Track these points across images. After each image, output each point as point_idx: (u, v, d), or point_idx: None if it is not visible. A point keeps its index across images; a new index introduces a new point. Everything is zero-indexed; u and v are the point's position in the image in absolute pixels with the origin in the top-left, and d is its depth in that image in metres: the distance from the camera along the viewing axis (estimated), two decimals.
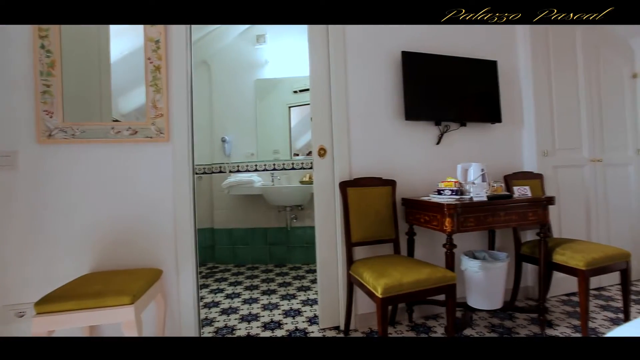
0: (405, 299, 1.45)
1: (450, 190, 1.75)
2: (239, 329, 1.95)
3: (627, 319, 1.82)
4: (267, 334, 1.87)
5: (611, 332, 0.73)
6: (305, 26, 2.02)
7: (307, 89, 2.15)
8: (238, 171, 3.38)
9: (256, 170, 3.39)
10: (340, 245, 1.88)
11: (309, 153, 3.24)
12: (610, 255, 1.75)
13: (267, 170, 3.37)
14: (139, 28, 1.71)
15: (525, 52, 2.31)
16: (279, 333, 1.87)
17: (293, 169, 3.36)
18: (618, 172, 2.55)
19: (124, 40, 1.75)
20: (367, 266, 1.60)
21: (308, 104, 2.26)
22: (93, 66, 1.76)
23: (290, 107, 3.48)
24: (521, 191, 1.84)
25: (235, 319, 2.08)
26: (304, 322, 2.00)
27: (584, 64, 2.46)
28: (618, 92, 2.60)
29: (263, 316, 2.10)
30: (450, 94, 2.11)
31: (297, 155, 3.42)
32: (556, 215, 2.25)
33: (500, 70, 2.22)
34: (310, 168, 3.13)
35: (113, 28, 1.73)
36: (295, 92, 3.43)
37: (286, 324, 1.98)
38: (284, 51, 3.37)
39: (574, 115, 2.42)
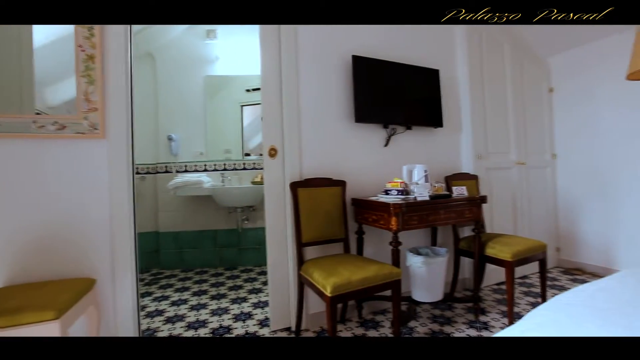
0: (354, 296, 1.49)
1: (396, 190, 1.84)
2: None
3: (544, 302, 2.07)
4: None
5: (501, 332, 0.82)
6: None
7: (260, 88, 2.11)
8: (186, 171, 3.21)
9: (205, 170, 3.25)
10: (291, 246, 1.88)
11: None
12: (531, 247, 1.98)
13: (218, 170, 3.25)
14: None
15: (462, 63, 2.52)
16: None
17: (245, 169, 3.29)
18: (538, 173, 2.90)
19: None
20: (317, 266, 1.61)
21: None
22: (11, 51, 1.55)
23: (242, 105, 3.40)
24: (459, 191, 2.00)
25: (181, 327, 1.97)
26: (254, 325, 1.96)
27: (511, 77, 2.76)
28: (538, 104, 2.96)
29: (211, 322, 2.02)
30: (397, 99, 2.22)
31: (250, 155, 3.35)
32: (489, 212, 2.49)
33: (442, 79, 2.39)
34: (263, 168, 3.08)
35: None
36: (248, 90, 3.36)
37: (236, 328, 1.93)
38: (236, 48, 3.27)
39: (503, 123, 2.70)
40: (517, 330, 0.83)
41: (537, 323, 0.82)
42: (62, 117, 1.53)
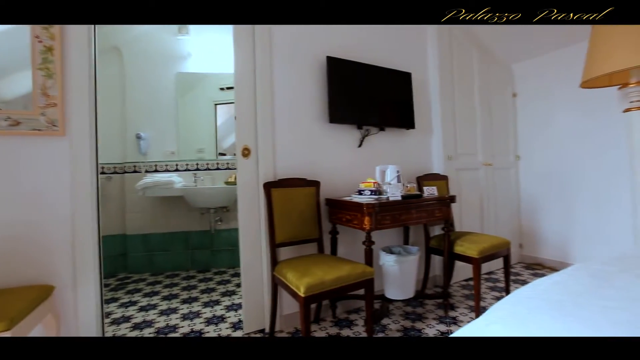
0: (327, 296, 1.50)
1: (369, 190, 1.87)
2: None
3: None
4: None
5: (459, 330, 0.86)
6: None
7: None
8: (156, 171, 3.09)
9: (177, 170, 3.14)
10: (265, 247, 1.86)
11: None
12: (496, 244, 2.08)
13: (190, 170, 3.16)
14: None
15: (433, 67, 2.60)
16: None
17: (218, 169, 3.21)
18: (503, 174, 3.05)
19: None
20: (290, 266, 1.61)
21: None
22: None
23: (216, 104, 3.32)
24: (430, 191, 2.06)
25: (150, 333, 1.90)
26: (227, 328, 1.92)
27: (478, 82, 2.88)
28: (503, 108, 3.11)
29: (182, 327, 1.96)
30: (371, 100, 2.26)
31: (224, 154, 3.28)
32: (458, 211, 2.59)
33: (414, 82, 2.46)
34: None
35: None
36: (222, 89, 3.29)
37: (208, 332, 1.88)
38: (209, 45, 3.19)
39: (471, 125, 2.82)
40: (481, 323, 0.87)
41: (498, 316, 0.86)
42: (16, 112, 1.42)
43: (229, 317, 2.07)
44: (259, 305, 1.89)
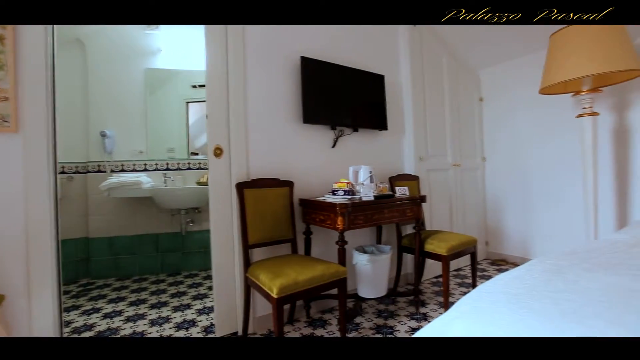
0: (300, 296, 1.50)
1: (343, 190, 1.89)
2: None
3: None
4: None
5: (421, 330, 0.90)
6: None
7: None
8: (122, 171, 2.96)
9: (146, 170, 3.02)
10: (237, 248, 1.83)
11: None
12: (464, 242, 2.16)
13: (160, 170, 3.05)
14: None
15: (405, 71, 2.67)
16: None
17: (190, 169, 3.12)
18: (471, 175, 3.19)
19: None
20: (263, 268, 1.59)
21: None
22: None
23: (188, 102, 3.23)
24: (401, 191, 2.11)
25: None
26: (198, 333, 1.87)
27: (448, 86, 2.99)
28: (470, 111, 3.25)
29: (150, 333, 1.88)
30: (345, 101, 2.28)
31: (197, 154, 3.19)
32: (428, 211, 2.67)
33: (386, 84, 2.52)
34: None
35: None
36: (194, 86, 3.20)
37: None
38: (181, 40, 3.10)
39: (441, 128, 2.92)
40: (446, 318, 0.90)
41: (462, 311, 0.90)
42: None
43: (200, 321, 2.02)
44: (232, 307, 1.85)
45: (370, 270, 2.04)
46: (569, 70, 1.94)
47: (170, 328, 1.93)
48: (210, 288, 2.55)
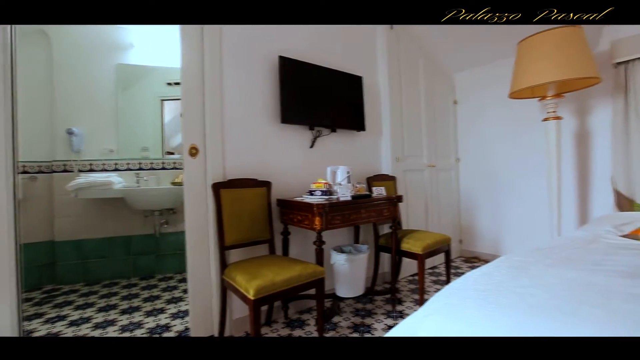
0: (278, 297, 1.49)
1: (320, 190, 1.89)
2: None
3: None
4: None
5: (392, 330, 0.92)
6: None
7: None
8: (91, 170, 2.82)
9: (117, 169, 2.90)
10: (213, 250, 1.79)
11: None
12: (439, 240, 2.23)
13: (132, 169, 2.93)
14: None
15: (383, 73, 2.72)
16: None
17: (164, 168, 3.03)
18: (445, 175, 3.29)
19: None
20: (240, 269, 1.57)
21: None
22: None
23: (163, 100, 3.13)
24: (378, 191, 2.14)
25: None
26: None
27: (424, 89, 3.07)
28: (445, 113, 3.35)
29: None
30: (323, 102, 2.29)
31: (172, 153, 3.09)
32: (405, 210, 2.73)
33: (365, 85, 2.55)
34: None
35: None
36: (169, 84, 3.11)
37: None
38: (155, 36, 2.99)
39: (417, 129, 2.99)
40: (420, 315, 0.93)
41: (434, 308, 0.92)
42: None
43: (174, 325, 1.96)
44: (207, 310, 1.81)
45: (348, 270, 2.05)
46: (534, 76, 2.04)
47: (143, 334, 1.86)
48: (185, 291, 2.48)
